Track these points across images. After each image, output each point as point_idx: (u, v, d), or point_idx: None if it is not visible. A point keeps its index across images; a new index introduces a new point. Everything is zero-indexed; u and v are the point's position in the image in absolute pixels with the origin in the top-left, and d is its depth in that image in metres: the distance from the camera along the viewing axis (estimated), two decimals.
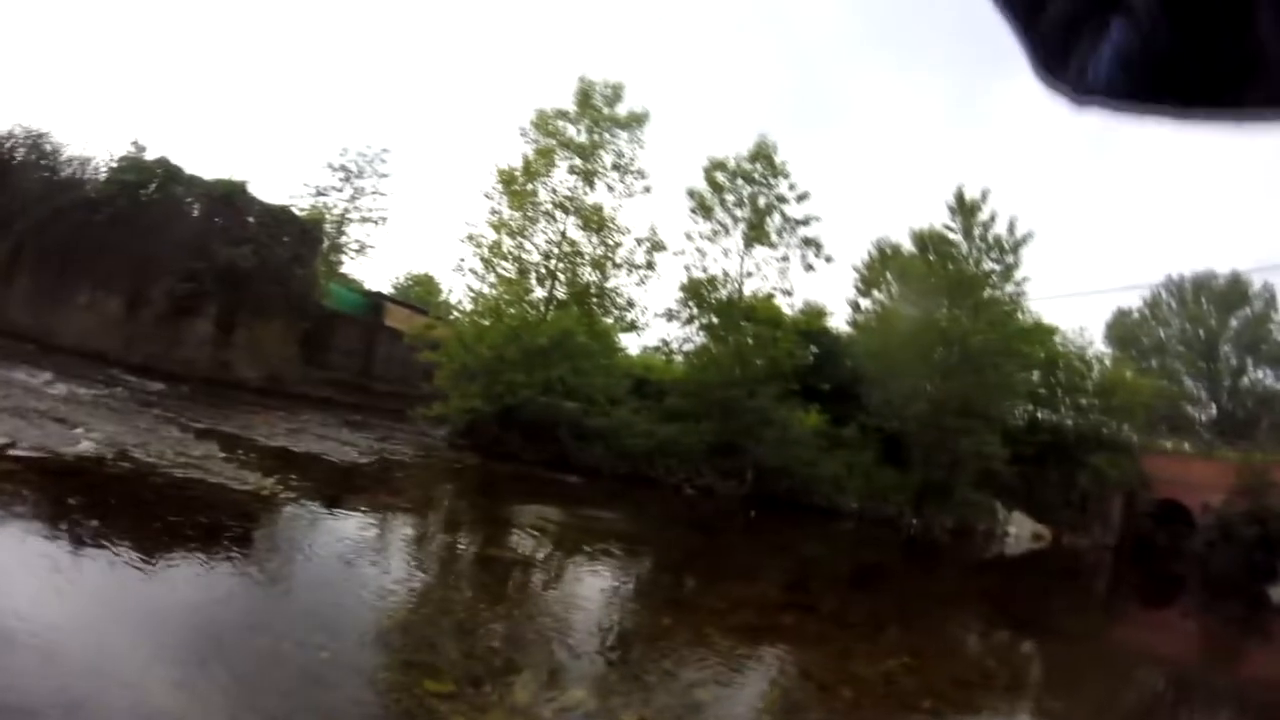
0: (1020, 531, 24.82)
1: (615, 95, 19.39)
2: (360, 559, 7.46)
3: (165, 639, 4.48)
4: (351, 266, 26.88)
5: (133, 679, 3.88)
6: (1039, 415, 26.15)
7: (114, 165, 22.85)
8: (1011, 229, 22.53)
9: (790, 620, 8.73)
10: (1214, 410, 37.85)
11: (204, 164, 31.64)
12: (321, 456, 12.86)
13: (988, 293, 22.46)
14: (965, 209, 22.67)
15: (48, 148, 23.74)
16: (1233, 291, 38.37)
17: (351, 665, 4.63)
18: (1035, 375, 25.13)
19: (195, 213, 22.15)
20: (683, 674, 5.87)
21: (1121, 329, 34.63)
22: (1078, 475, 25.51)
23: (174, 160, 22.22)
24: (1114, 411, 27.24)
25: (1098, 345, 30.32)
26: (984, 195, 22.68)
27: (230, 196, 21.89)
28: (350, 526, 8.86)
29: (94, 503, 7.12)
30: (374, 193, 27.04)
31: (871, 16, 67.66)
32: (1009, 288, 22.84)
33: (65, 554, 5.48)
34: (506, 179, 18.84)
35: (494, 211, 18.86)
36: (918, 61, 65.28)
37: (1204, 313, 38.32)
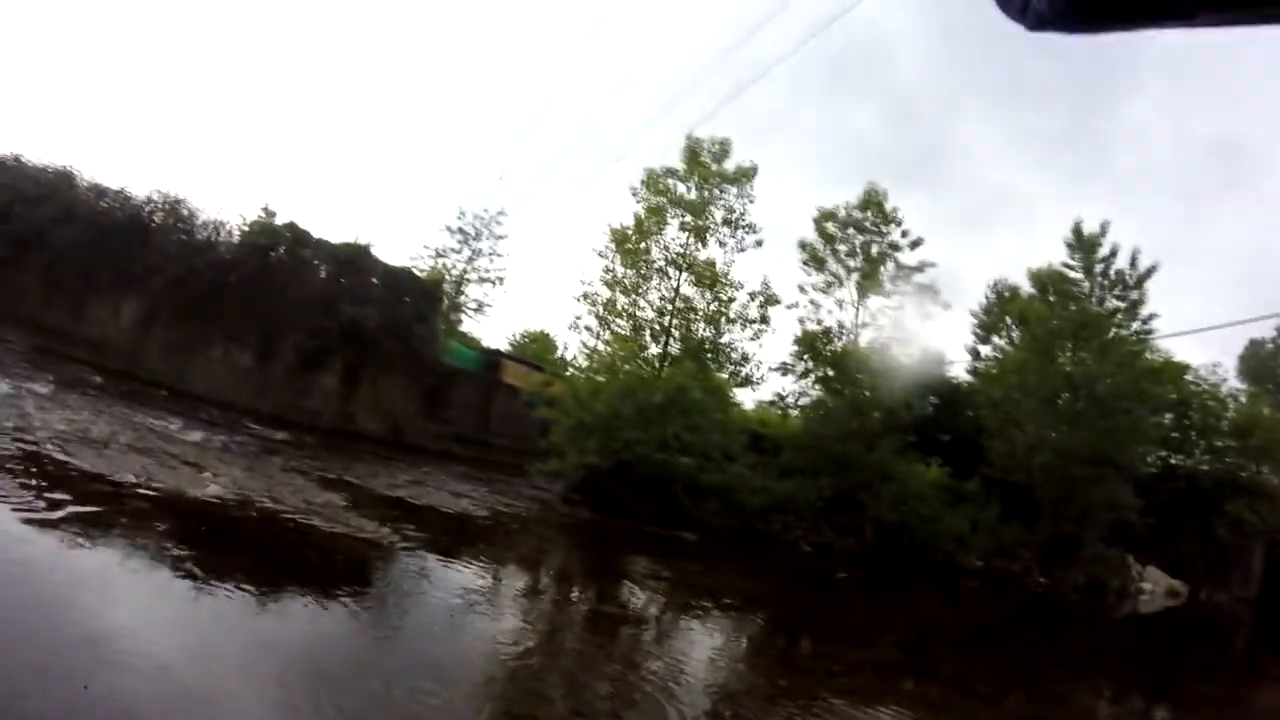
0: (1154, 587, 23.21)
1: (723, 151, 19.63)
2: (472, 609, 7.59)
3: (279, 675, 4.68)
4: (470, 325, 28.14)
5: (244, 711, 4.07)
6: (1172, 461, 24.48)
7: (245, 229, 24.39)
8: (1134, 263, 21.45)
9: (910, 685, 8.46)
10: None
11: (330, 228, 33.78)
12: (438, 508, 13.17)
13: (1113, 332, 21.35)
14: (1084, 245, 21.72)
15: (184, 212, 25.60)
16: None
17: (460, 713, 4.74)
18: (1167, 418, 23.63)
19: (322, 273, 23.47)
20: None
21: (1256, 362, 32.16)
22: (1215, 524, 23.70)
23: (301, 224, 23.70)
24: (1252, 452, 25.24)
25: (1232, 381, 28.24)
26: (1103, 229, 21.74)
27: (355, 258, 23.14)
28: (463, 577, 8.98)
29: (218, 543, 7.44)
30: (491, 254, 28.33)
31: (970, 60, 66.29)
32: (1135, 325, 21.65)
33: (187, 589, 5.77)
34: (619, 238, 19.27)
35: (608, 269, 19.35)
36: (1021, 99, 63.32)
37: None
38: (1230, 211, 57.56)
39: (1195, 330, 41.35)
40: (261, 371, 22.82)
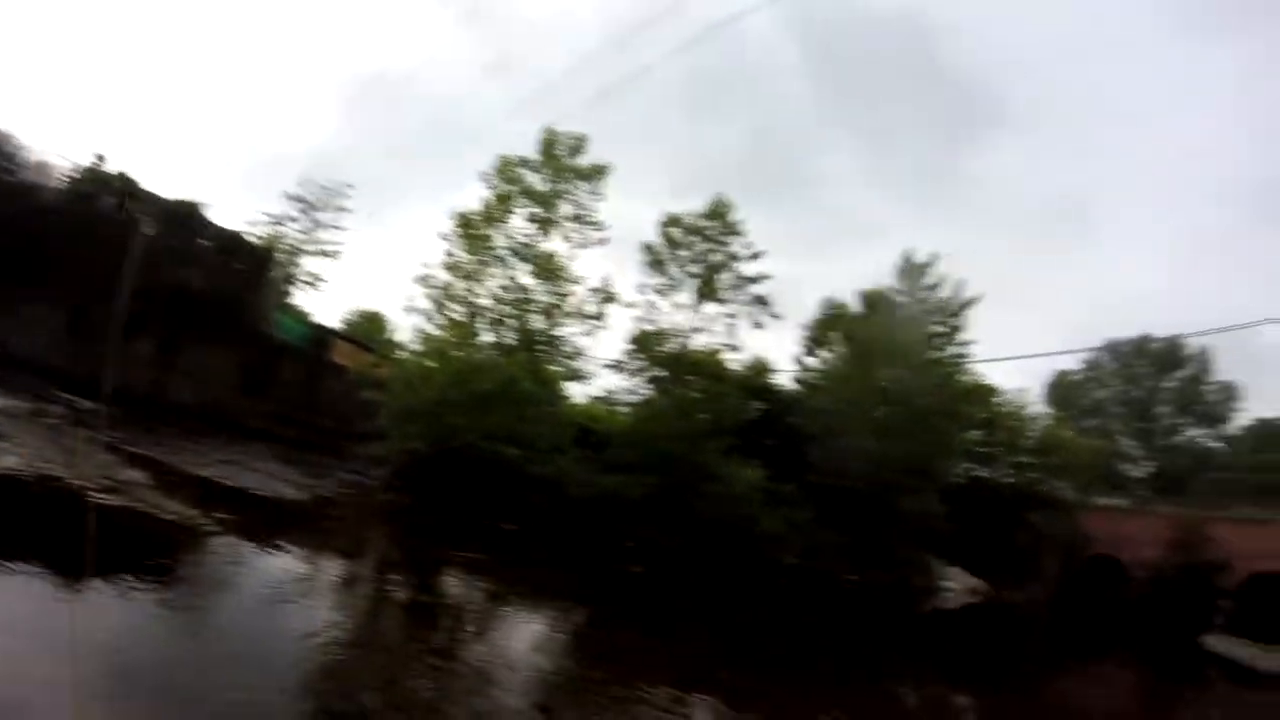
0: (958, 587, 25.40)
1: (578, 147, 19.65)
2: (284, 598, 7.34)
3: (73, 669, 4.25)
4: (302, 298, 26.69)
5: (33, 710, 3.73)
6: (978, 473, 26.78)
7: (73, 175, 22.25)
8: (957, 293, 23.36)
9: (723, 674, 8.80)
10: (1149, 467, 39.27)
11: (163, 181, 30.99)
12: (253, 490, 12.58)
13: (931, 354, 23.15)
14: (913, 272, 23.45)
15: (7, 149, 22.97)
16: (1169, 355, 40.09)
17: (269, 709, 4.51)
18: (976, 434, 25.82)
19: (149, 230, 21.66)
20: None
21: (1062, 390, 35.96)
22: (1015, 532, 26.20)
23: (133, 175, 21.83)
24: (1052, 470, 28.09)
25: (1038, 406, 31.29)
26: (931, 259, 23.54)
27: (186, 217, 21.51)
28: (277, 564, 8.70)
29: (9, 519, 6.88)
30: (331, 226, 26.91)
31: (837, 86, 70.44)
32: (952, 349, 23.58)
33: None
34: (464, 223, 18.91)
35: (449, 254, 18.91)
36: (875, 135, 68.20)
37: (1141, 374, 39.92)
38: (1052, 258, 64.66)
39: (1007, 358, 46.29)
40: (75, 335, 20.73)
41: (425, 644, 7.32)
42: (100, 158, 22.50)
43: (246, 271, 21.64)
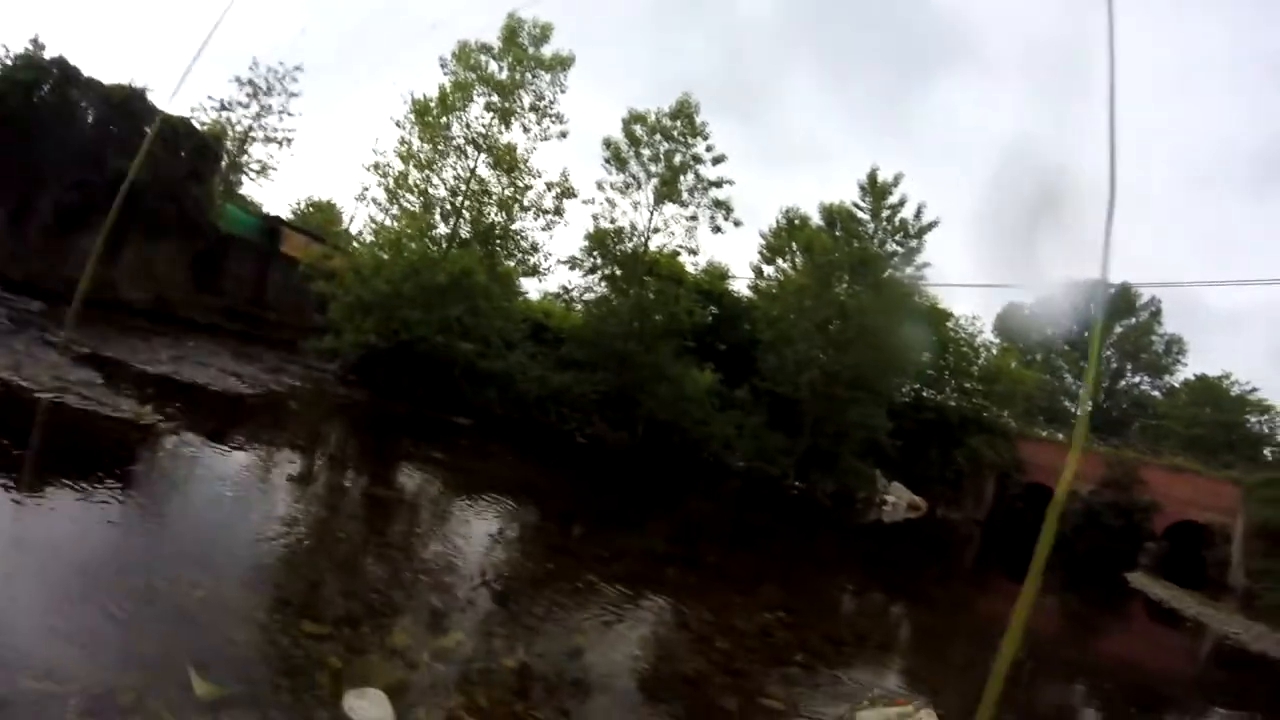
0: (898, 501, 26.26)
1: (543, 35, 18.95)
2: (241, 494, 7.31)
3: (29, 574, 4.24)
4: (251, 188, 25.90)
5: None
6: (925, 394, 27.57)
7: (7, 62, 21.07)
8: (918, 215, 23.54)
9: (672, 571, 8.93)
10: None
11: (103, 65, 28.76)
12: (206, 386, 12.30)
13: (888, 272, 23.48)
14: (876, 190, 23.50)
15: None
16: (1121, 301, 41.30)
17: (228, 605, 4.49)
18: (925, 356, 26.48)
19: (90, 119, 20.72)
20: (564, 619, 5.95)
21: (1012, 322, 36.88)
22: (956, 453, 27.21)
23: (72, 60, 20.68)
24: (995, 398, 29.04)
25: (987, 335, 32.12)
26: (896, 180, 23.56)
27: (128, 103, 20.53)
28: (232, 461, 8.57)
29: None
30: (281, 112, 26.02)
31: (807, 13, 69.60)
32: (909, 270, 23.95)
33: None
34: (420, 109, 18.33)
35: (403, 141, 18.36)
36: (849, 58, 67.86)
37: (1091, 317, 40.98)
38: (1003, 195, 65.72)
39: (961, 284, 47.27)
40: (15, 232, 19.93)
41: (381, 537, 7.32)
42: (38, 43, 21.40)
43: (193, 160, 20.87)
